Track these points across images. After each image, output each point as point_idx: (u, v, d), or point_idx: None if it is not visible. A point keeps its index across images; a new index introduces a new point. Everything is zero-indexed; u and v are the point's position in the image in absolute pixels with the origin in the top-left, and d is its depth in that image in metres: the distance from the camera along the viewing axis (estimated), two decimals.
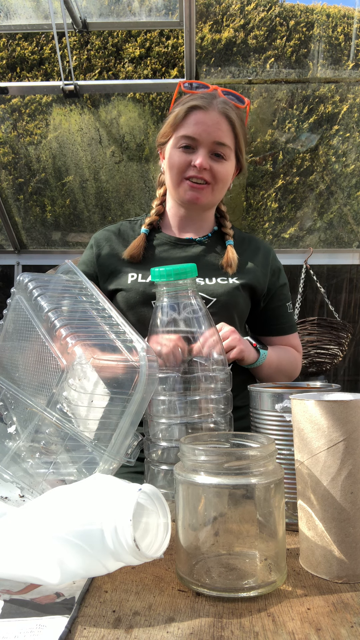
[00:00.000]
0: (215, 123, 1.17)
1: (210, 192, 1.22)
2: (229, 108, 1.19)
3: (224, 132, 1.18)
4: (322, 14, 2.70)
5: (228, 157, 1.21)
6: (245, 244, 1.32)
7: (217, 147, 1.18)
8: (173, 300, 0.84)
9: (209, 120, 1.17)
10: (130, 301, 1.19)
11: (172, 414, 0.81)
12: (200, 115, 1.18)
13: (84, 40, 2.77)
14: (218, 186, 1.22)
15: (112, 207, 3.18)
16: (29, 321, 0.80)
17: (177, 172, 1.21)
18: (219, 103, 1.19)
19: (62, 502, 0.58)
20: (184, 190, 1.22)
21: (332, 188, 3.04)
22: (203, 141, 1.18)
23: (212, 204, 1.29)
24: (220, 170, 1.20)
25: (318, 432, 0.62)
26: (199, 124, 1.17)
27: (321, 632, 0.50)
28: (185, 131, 1.19)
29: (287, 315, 1.33)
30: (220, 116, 1.18)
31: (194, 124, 1.18)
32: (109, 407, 0.69)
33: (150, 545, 0.59)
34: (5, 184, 3.08)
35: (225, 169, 1.21)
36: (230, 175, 1.24)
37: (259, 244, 1.35)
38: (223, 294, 1.19)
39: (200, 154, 1.18)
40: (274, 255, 1.35)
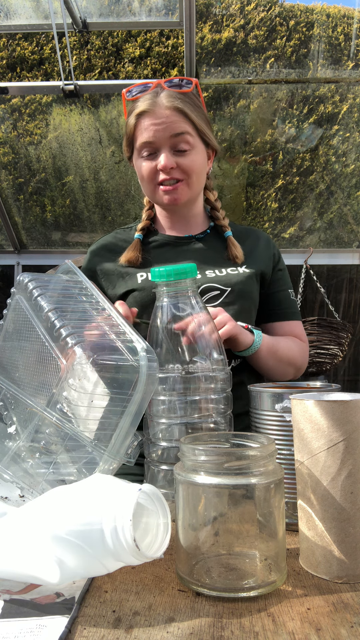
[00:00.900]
0: (164, 120, 1.15)
1: (187, 188, 1.20)
2: (174, 99, 1.17)
3: (178, 123, 1.16)
4: (322, 14, 2.70)
5: (192, 145, 1.18)
6: (244, 235, 1.32)
7: (177, 139, 1.16)
8: (173, 300, 0.84)
9: (158, 119, 1.15)
10: (144, 300, 1.18)
11: (172, 414, 0.81)
12: (148, 119, 1.16)
13: (84, 40, 2.77)
14: (192, 179, 1.20)
15: (112, 207, 3.18)
16: (29, 321, 0.80)
17: (147, 181, 1.21)
18: (163, 99, 1.16)
19: (62, 502, 0.58)
20: (160, 196, 1.21)
21: (332, 188, 3.04)
22: (160, 141, 1.16)
23: (194, 198, 1.26)
24: (187, 163, 1.18)
25: (318, 432, 0.62)
26: (149, 127, 1.16)
27: (321, 632, 0.50)
28: (141, 139, 1.18)
29: (290, 301, 1.30)
30: (168, 111, 1.15)
31: (145, 129, 1.17)
32: (109, 407, 0.69)
33: (150, 545, 0.59)
34: (5, 184, 3.08)
35: (193, 160, 1.19)
36: (201, 163, 1.22)
37: (258, 233, 1.35)
38: (237, 283, 1.19)
39: (162, 156, 1.16)
40: (273, 243, 1.35)
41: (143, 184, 1.24)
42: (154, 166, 1.18)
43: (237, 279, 1.20)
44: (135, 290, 1.20)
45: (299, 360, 1.26)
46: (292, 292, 1.32)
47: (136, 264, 1.23)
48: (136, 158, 1.23)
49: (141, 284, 1.20)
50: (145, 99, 1.18)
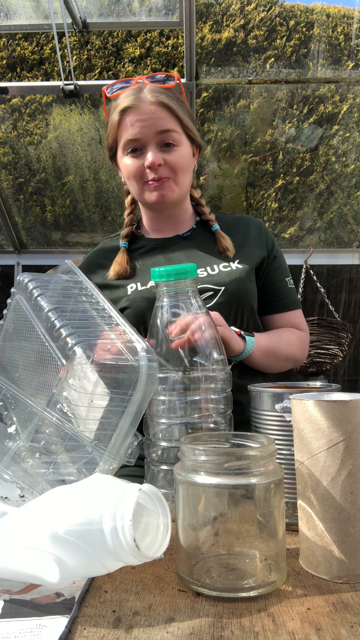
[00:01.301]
0: (150, 116, 1.12)
1: (174, 184, 1.17)
2: (159, 94, 1.14)
3: (163, 119, 1.13)
4: (322, 14, 2.70)
5: (178, 141, 1.16)
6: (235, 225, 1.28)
7: (163, 136, 1.14)
8: (173, 300, 0.84)
9: (143, 115, 1.12)
10: (137, 311, 1.15)
11: (172, 414, 0.81)
12: (133, 115, 1.13)
13: (84, 40, 2.77)
14: (179, 176, 1.17)
15: (112, 207, 3.18)
16: (29, 321, 0.80)
17: (135, 180, 1.18)
18: (146, 95, 1.14)
19: (62, 502, 0.58)
20: (148, 194, 1.18)
21: (332, 188, 3.04)
22: (146, 138, 1.13)
23: (182, 196, 1.23)
24: (174, 159, 1.15)
25: (318, 432, 0.62)
26: (135, 123, 1.13)
27: (321, 632, 0.50)
28: (126, 136, 1.15)
29: (288, 291, 1.26)
30: (153, 106, 1.13)
31: (130, 125, 1.14)
32: (109, 407, 0.69)
33: (150, 545, 0.59)
34: (5, 184, 3.08)
35: (180, 156, 1.16)
36: (187, 159, 1.19)
37: (249, 220, 1.31)
38: (231, 282, 1.15)
39: (149, 153, 1.13)
40: (266, 229, 1.30)
41: (130, 182, 1.20)
42: (140, 164, 1.15)
43: (231, 276, 1.16)
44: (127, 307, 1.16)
45: (298, 354, 1.24)
46: (290, 279, 1.28)
47: (125, 276, 1.20)
48: (121, 157, 1.20)
49: (131, 295, 1.17)
50: (128, 95, 1.15)
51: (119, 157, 1.21)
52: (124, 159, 1.18)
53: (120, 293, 1.19)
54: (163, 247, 1.25)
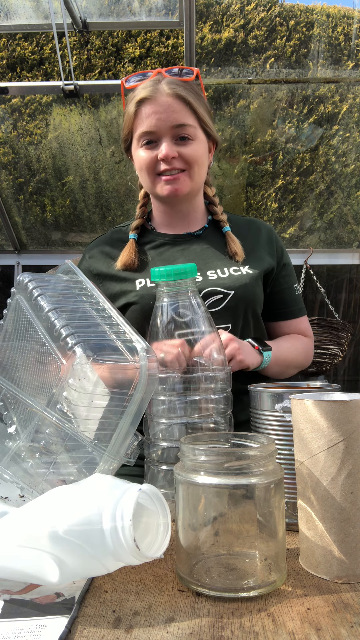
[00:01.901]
0: (167, 108, 1.10)
1: (188, 179, 1.15)
2: (177, 86, 1.12)
3: (180, 112, 1.11)
4: (322, 14, 2.70)
5: (194, 136, 1.14)
6: (245, 228, 1.26)
7: (179, 130, 1.12)
8: (173, 300, 0.84)
9: (160, 107, 1.11)
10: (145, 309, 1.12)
11: (172, 414, 0.81)
12: (150, 107, 1.11)
13: (84, 40, 2.77)
14: (193, 170, 1.15)
15: (112, 207, 3.18)
16: (29, 321, 0.80)
17: (147, 172, 1.16)
18: (164, 86, 1.12)
19: (62, 502, 0.58)
20: (160, 187, 1.16)
21: (332, 188, 3.04)
22: (162, 131, 1.12)
23: (195, 190, 1.21)
24: (189, 152, 1.13)
25: (318, 432, 0.62)
26: (151, 115, 1.11)
27: (321, 632, 0.50)
28: (141, 128, 1.13)
29: (295, 298, 1.26)
30: (171, 98, 1.11)
31: (146, 117, 1.12)
32: (109, 407, 0.69)
33: (150, 545, 0.59)
34: (5, 184, 3.08)
35: (195, 150, 1.14)
36: (202, 154, 1.17)
37: (260, 225, 1.30)
38: (240, 286, 1.14)
39: (164, 145, 1.11)
40: (276, 235, 1.29)
41: (142, 175, 1.18)
42: (154, 156, 1.13)
43: (241, 281, 1.15)
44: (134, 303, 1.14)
45: (304, 361, 1.25)
46: (297, 286, 1.28)
47: (133, 268, 1.18)
48: (135, 148, 1.18)
49: (140, 291, 1.15)
50: (146, 86, 1.13)
51: (134, 148, 1.19)
52: (138, 150, 1.16)
53: (128, 287, 1.17)
54: (174, 243, 1.23)
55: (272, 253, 1.24)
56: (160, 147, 1.12)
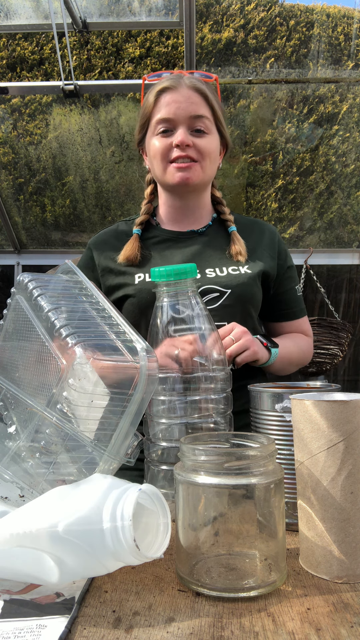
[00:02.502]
0: (187, 98, 1.14)
1: (200, 170, 1.17)
2: (198, 81, 1.17)
3: (198, 104, 1.15)
4: (322, 14, 2.70)
5: (209, 130, 1.17)
6: (249, 228, 1.28)
7: (195, 121, 1.15)
8: (173, 300, 0.84)
9: (180, 97, 1.14)
10: (142, 303, 1.14)
11: (172, 414, 0.81)
12: (170, 96, 1.15)
13: (84, 40, 2.77)
14: (206, 162, 1.17)
15: (112, 207, 3.18)
16: (29, 321, 0.80)
17: (160, 157, 1.17)
18: (186, 80, 1.16)
19: (61, 502, 0.58)
20: (171, 174, 1.17)
21: (332, 188, 3.04)
22: (179, 119, 1.14)
23: (205, 183, 1.22)
24: (204, 144, 1.16)
25: (318, 432, 0.62)
26: (171, 103, 1.14)
27: (321, 632, 0.50)
28: (159, 115, 1.16)
29: (297, 299, 1.28)
30: (191, 91, 1.15)
31: (166, 105, 1.15)
32: (109, 407, 0.69)
33: (150, 545, 0.59)
34: (5, 184, 3.08)
35: (210, 142, 1.17)
36: (215, 148, 1.20)
37: (264, 226, 1.31)
38: (238, 285, 1.15)
39: (180, 132, 1.14)
40: (279, 237, 1.30)
41: (154, 162, 1.19)
42: (169, 143, 1.15)
43: (238, 280, 1.16)
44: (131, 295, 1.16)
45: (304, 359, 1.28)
46: (299, 287, 1.30)
47: (135, 262, 1.20)
48: (150, 136, 1.20)
49: (138, 285, 1.16)
50: (168, 78, 1.18)
51: (148, 137, 1.22)
52: (153, 139, 1.19)
53: (127, 279, 1.19)
54: (176, 240, 1.24)
55: (274, 255, 1.25)
56: (176, 135, 1.15)
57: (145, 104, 1.20)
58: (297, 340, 1.26)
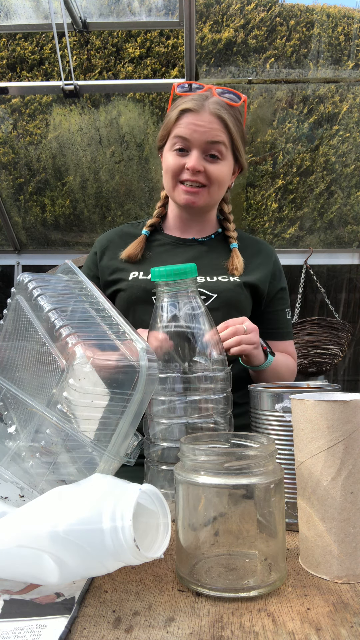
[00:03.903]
0: (207, 124, 1.17)
1: (207, 195, 1.21)
2: (221, 108, 1.18)
3: (217, 131, 1.17)
4: (322, 14, 2.70)
5: (224, 156, 1.20)
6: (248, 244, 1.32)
7: (211, 147, 1.18)
8: (173, 300, 0.84)
9: (200, 121, 1.17)
10: (131, 298, 1.19)
11: (172, 414, 0.81)
12: (191, 118, 1.17)
13: (84, 40, 2.77)
14: (214, 187, 1.21)
15: (112, 207, 3.18)
16: (29, 321, 0.80)
17: (171, 175, 1.21)
18: (210, 104, 1.18)
19: (62, 502, 0.58)
20: (179, 194, 1.22)
21: (332, 188, 3.04)
22: (195, 142, 1.17)
23: (211, 206, 1.28)
24: (214, 171, 1.19)
25: (318, 432, 0.62)
26: (190, 125, 1.17)
27: (321, 632, 0.50)
28: (177, 132, 1.19)
29: (286, 321, 1.32)
30: (212, 117, 1.17)
31: (185, 126, 1.18)
32: (109, 407, 0.69)
33: (150, 545, 0.59)
34: (5, 184, 3.08)
35: (221, 170, 1.20)
36: (226, 175, 1.23)
37: (261, 245, 1.35)
38: (225, 291, 1.18)
39: (193, 156, 1.17)
40: (276, 258, 1.34)
41: (166, 176, 1.24)
42: (182, 163, 1.19)
43: (226, 286, 1.19)
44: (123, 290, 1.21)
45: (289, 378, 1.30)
46: (289, 311, 1.33)
47: (134, 260, 1.24)
48: (167, 150, 1.23)
49: (131, 281, 1.21)
50: (194, 98, 1.19)
51: (166, 150, 1.25)
52: (168, 154, 1.22)
53: (122, 275, 1.24)
54: (176, 245, 1.29)
55: (267, 273, 1.28)
56: (190, 157, 1.18)
57: (169, 117, 1.23)
58: (287, 359, 1.28)
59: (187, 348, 0.82)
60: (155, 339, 0.83)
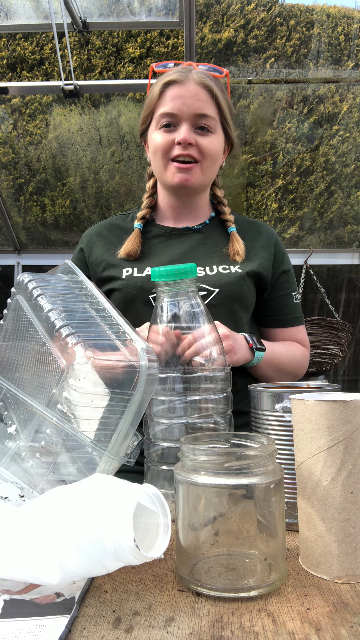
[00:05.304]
0: (193, 94, 1.10)
1: (200, 171, 1.14)
2: (206, 77, 1.12)
3: (205, 102, 1.11)
4: (322, 14, 2.70)
5: (214, 129, 1.13)
6: (246, 228, 1.24)
7: (200, 119, 1.11)
8: (173, 300, 0.84)
9: (186, 92, 1.10)
10: (127, 297, 1.13)
11: (172, 414, 0.81)
12: (176, 90, 1.11)
13: (84, 40, 2.77)
14: (207, 162, 1.14)
15: (112, 207, 3.18)
16: (29, 321, 0.80)
17: (161, 154, 1.13)
18: (194, 74, 1.11)
19: (62, 502, 0.58)
20: (171, 173, 1.14)
21: (332, 188, 3.04)
22: (183, 115, 1.10)
23: (204, 185, 1.20)
24: (206, 144, 1.12)
25: (318, 432, 0.62)
26: (176, 98, 1.10)
27: (321, 632, 0.50)
28: (163, 109, 1.12)
29: (293, 306, 1.23)
30: (198, 87, 1.10)
31: (171, 99, 1.11)
32: (109, 407, 0.69)
33: (150, 545, 0.59)
34: (5, 184, 3.08)
35: (212, 142, 1.13)
36: (218, 149, 1.16)
37: (261, 227, 1.27)
38: (226, 284, 1.11)
39: (183, 129, 1.10)
40: (277, 239, 1.26)
41: (155, 157, 1.16)
42: (171, 139, 1.11)
43: (227, 279, 1.12)
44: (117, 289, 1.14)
45: (299, 369, 1.22)
46: (296, 294, 1.25)
47: (135, 257, 1.17)
48: (152, 130, 1.16)
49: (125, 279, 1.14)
50: (177, 71, 1.13)
51: (150, 131, 1.18)
52: (155, 133, 1.15)
53: (115, 272, 1.17)
54: (169, 236, 1.22)
55: (269, 256, 1.21)
56: (179, 131, 1.11)
57: (151, 95, 1.16)
58: (292, 348, 1.20)
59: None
60: (155, 338, 0.83)
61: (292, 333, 1.23)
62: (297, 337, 1.24)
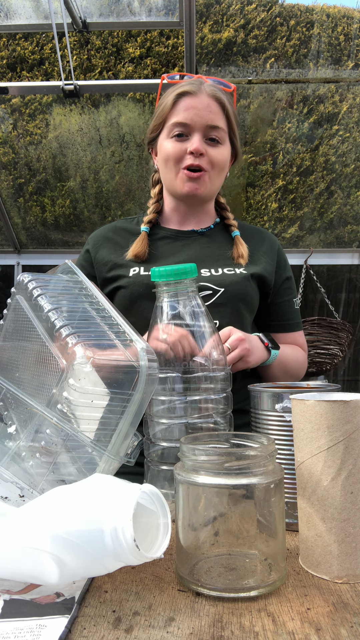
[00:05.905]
0: (206, 106, 1.15)
1: (208, 180, 1.18)
2: (218, 90, 1.17)
3: (216, 114, 1.16)
4: (322, 14, 2.70)
5: (223, 140, 1.18)
6: (249, 234, 1.28)
7: (211, 130, 1.16)
8: (173, 300, 0.84)
9: (199, 104, 1.15)
10: (133, 294, 1.15)
11: (172, 414, 0.81)
12: (189, 101, 1.15)
13: (84, 40, 2.77)
14: (215, 172, 1.18)
15: (112, 207, 3.18)
16: (29, 321, 0.80)
17: (173, 162, 1.17)
18: (206, 87, 1.16)
19: (61, 502, 0.58)
20: (181, 182, 1.18)
21: (332, 188, 3.04)
22: (196, 126, 1.15)
23: (211, 194, 1.25)
24: (216, 154, 1.17)
25: (318, 432, 0.62)
26: (189, 109, 1.15)
27: (321, 632, 0.50)
28: (176, 118, 1.16)
29: (294, 312, 1.28)
30: (211, 99, 1.15)
31: (184, 109, 1.15)
32: (109, 407, 0.69)
33: (150, 545, 0.59)
34: (5, 184, 3.08)
35: (221, 153, 1.18)
36: (226, 159, 1.21)
37: (264, 234, 1.32)
38: (231, 284, 1.15)
39: (195, 139, 1.14)
40: (279, 247, 1.30)
41: (166, 165, 1.19)
42: (183, 149, 1.16)
43: (232, 279, 1.15)
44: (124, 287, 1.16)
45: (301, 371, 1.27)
46: (297, 300, 1.29)
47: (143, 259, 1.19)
48: (163, 139, 1.20)
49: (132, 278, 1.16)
50: (190, 83, 1.17)
51: (161, 139, 1.21)
52: (166, 142, 1.19)
53: (121, 272, 1.19)
54: (175, 238, 1.25)
55: (272, 263, 1.25)
56: (190, 141, 1.15)
57: (163, 105, 1.19)
58: (295, 351, 1.25)
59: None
60: (155, 338, 0.83)
61: (294, 338, 1.27)
62: (298, 342, 1.28)
